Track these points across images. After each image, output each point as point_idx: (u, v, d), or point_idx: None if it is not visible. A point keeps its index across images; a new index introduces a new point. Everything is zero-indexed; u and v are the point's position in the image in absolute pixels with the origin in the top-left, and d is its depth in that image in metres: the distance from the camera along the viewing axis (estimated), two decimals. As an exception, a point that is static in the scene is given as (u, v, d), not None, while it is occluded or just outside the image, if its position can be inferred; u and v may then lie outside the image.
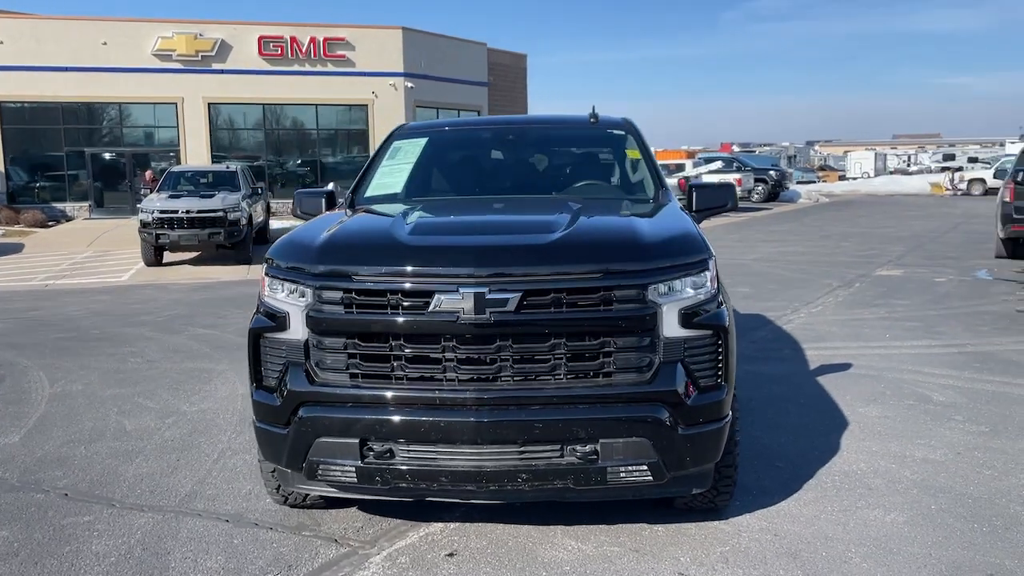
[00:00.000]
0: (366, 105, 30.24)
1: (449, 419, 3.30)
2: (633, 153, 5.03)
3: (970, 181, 41.30)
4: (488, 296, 3.25)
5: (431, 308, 3.30)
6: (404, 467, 3.38)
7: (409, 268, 3.37)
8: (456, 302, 3.27)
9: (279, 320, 3.54)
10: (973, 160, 58.20)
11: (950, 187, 42.45)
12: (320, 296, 3.43)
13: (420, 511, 4.06)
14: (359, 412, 3.39)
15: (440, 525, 3.97)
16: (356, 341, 3.41)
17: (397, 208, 4.38)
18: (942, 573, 3.45)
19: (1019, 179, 14.08)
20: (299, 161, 31.17)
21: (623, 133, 5.18)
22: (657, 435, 3.32)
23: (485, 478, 3.35)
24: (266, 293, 3.66)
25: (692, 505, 3.93)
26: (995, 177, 21.57)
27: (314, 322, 3.44)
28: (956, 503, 4.15)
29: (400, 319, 3.34)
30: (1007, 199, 14.28)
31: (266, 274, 3.67)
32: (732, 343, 3.52)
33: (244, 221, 16.86)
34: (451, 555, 3.68)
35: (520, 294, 3.26)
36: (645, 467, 3.34)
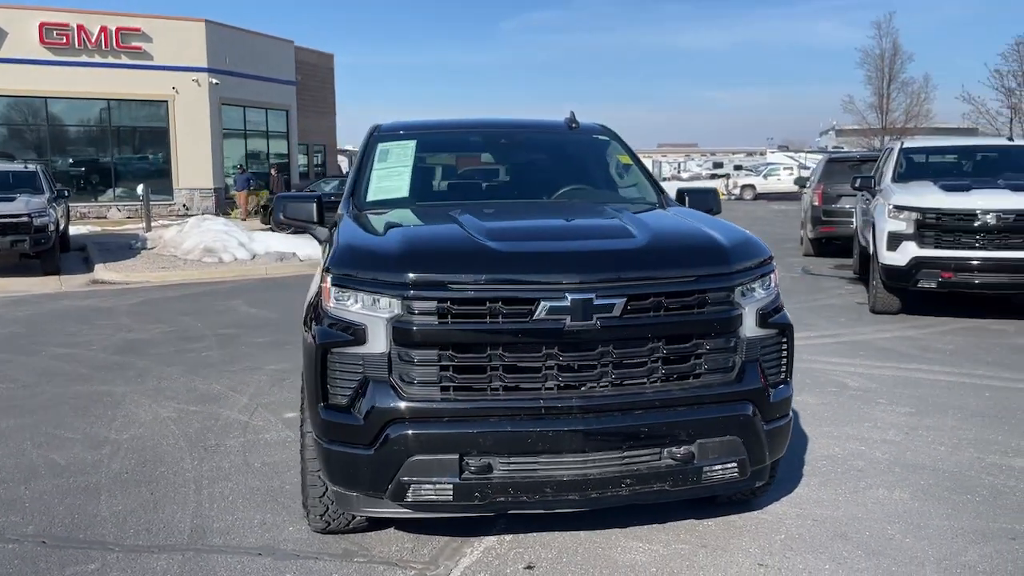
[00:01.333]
0: (166, 101, 28.33)
1: (555, 428, 3.24)
2: (624, 158, 5.13)
3: (743, 187, 45.18)
4: (596, 302, 3.23)
5: (535, 315, 3.22)
6: (504, 481, 3.27)
7: (511, 275, 3.27)
8: (562, 308, 3.21)
9: (355, 332, 3.31)
10: (739, 168, 63.64)
11: (726, 192, 46.21)
12: (410, 307, 3.25)
13: (460, 527, 3.94)
14: (457, 427, 3.25)
15: (494, 539, 3.88)
16: (451, 352, 3.26)
17: (426, 212, 4.23)
18: (974, 541, 3.81)
19: (826, 186, 15.64)
20: (89, 160, 28.65)
21: (607, 139, 5.28)
22: (746, 432, 3.44)
23: (590, 486, 3.32)
24: (333, 305, 3.40)
25: (731, 499, 4.08)
26: (796, 183, 23.75)
27: (402, 334, 3.25)
28: (938, 478, 4.59)
29: (502, 327, 3.23)
30: (816, 203, 15.80)
31: (334, 284, 3.41)
32: (794, 341, 3.70)
33: (52, 227, 15.29)
34: (530, 567, 3.61)
35: (625, 299, 3.26)
36: (735, 464, 3.45)
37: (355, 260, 3.45)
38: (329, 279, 3.43)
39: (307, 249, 16.31)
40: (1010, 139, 11.76)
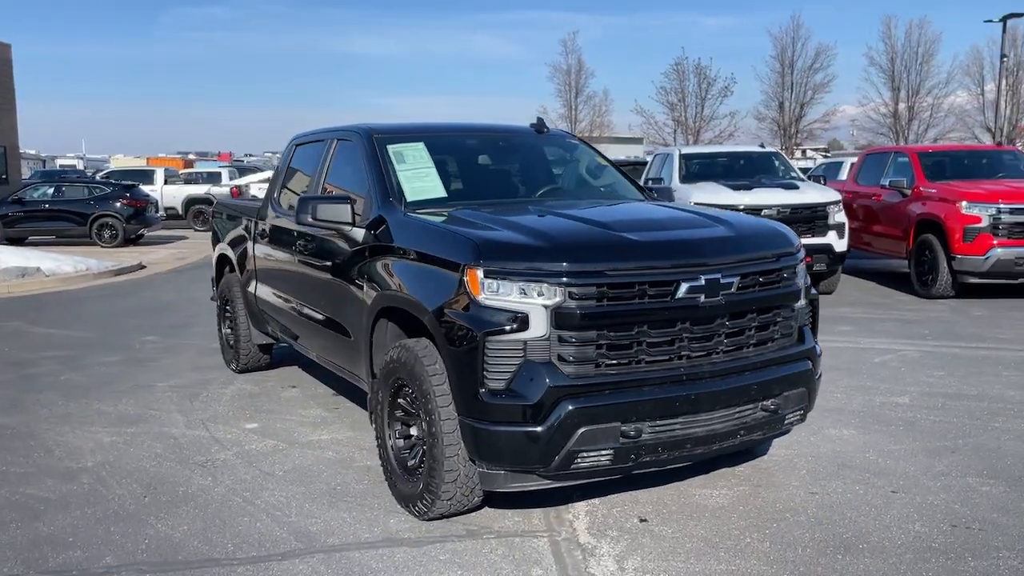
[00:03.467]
0: None
1: (694, 392, 3.77)
2: (601, 160, 5.70)
3: None
4: (722, 280, 3.81)
5: (676, 295, 3.73)
6: (653, 442, 3.73)
7: (655, 261, 3.74)
8: (697, 287, 3.75)
9: (518, 320, 3.58)
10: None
11: None
12: (571, 293, 3.59)
13: (544, 498, 4.28)
14: (616, 397, 3.65)
15: (583, 504, 4.28)
16: (604, 331, 3.65)
17: (502, 210, 4.56)
18: (930, 455, 4.90)
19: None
20: None
21: (577, 142, 5.81)
22: (808, 383, 4.21)
23: (716, 439, 3.89)
24: (485, 296, 3.63)
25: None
26: None
27: (564, 318, 3.58)
28: (860, 418, 5.70)
29: (648, 307, 3.69)
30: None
31: (486, 276, 3.64)
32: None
33: None
34: (644, 520, 4.09)
35: (739, 277, 3.88)
36: (802, 410, 4.20)
37: (510, 253, 3.69)
38: (480, 272, 3.65)
39: (48, 263, 14.85)
40: (762, 146, 13.88)
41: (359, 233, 4.65)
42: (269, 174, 36.21)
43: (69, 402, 6.43)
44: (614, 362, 3.69)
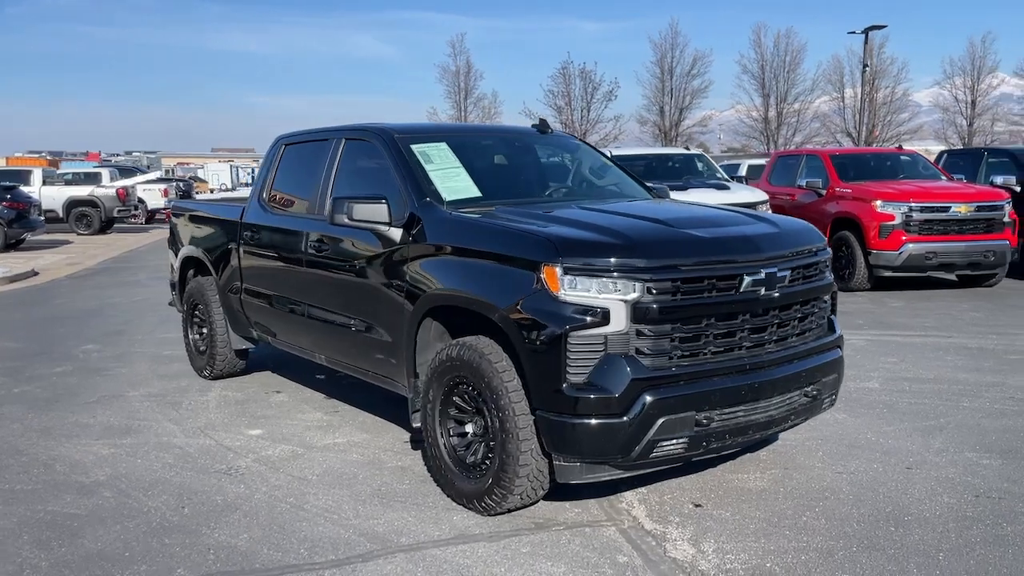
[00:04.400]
0: None
1: (757, 380, 3.98)
2: (604, 159, 5.85)
3: None
4: (778, 274, 4.03)
5: (740, 288, 3.93)
6: (721, 428, 3.92)
7: (723, 256, 3.92)
8: (758, 281, 3.96)
9: (599, 315, 3.69)
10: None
11: None
12: (649, 288, 3.73)
13: (592, 487, 4.41)
14: (691, 388, 3.81)
15: (631, 493, 4.43)
16: (678, 324, 3.81)
17: (553, 208, 4.67)
18: (923, 433, 5.30)
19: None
20: None
21: (578, 142, 5.95)
22: (839, 370, 4.50)
23: (772, 424, 4.12)
24: (565, 293, 3.72)
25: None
26: None
27: (642, 312, 3.72)
28: (844, 402, 6.09)
29: (716, 300, 3.88)
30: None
31: (565, 273, 3.73)
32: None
33: None
34: (698, 505, 4.27)
35: (790, 270, 4.12)
36: (834, 396, 4.49)
37: (586, 251, 3.79)
38: (559, 269, 3.74)
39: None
40: (687, 148, 14.40)
41: (396, 233, 4.64)
42: (156, 175, 34.84)
43: (39, 415, 6.08)
44: (686, 354, 3.85)
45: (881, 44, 52.27)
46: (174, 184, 35.44)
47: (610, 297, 3.71)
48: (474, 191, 4.85)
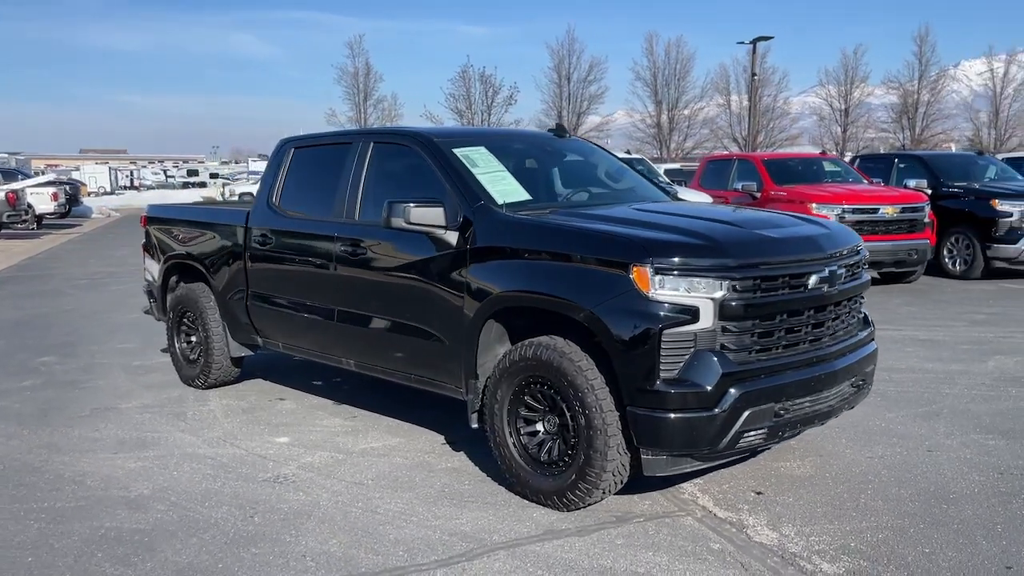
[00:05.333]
0: None
1: (823, 372, 4.23)
2: (619, 162, 6.03)
3: (241, 194, 45.35)
4: (837, 272, 4.30)
5: (809, 285, 4.17)
6: (793, 417, 4.15)
7: (794, 256, 4.16)
8: (823, 279, 4.22)
9: (691, 313, 3.86)
10: (215, 176, 63.09)
11: (223, 199, 46.00)
12: (734, 286, 3.92)
13: (649, 480, 4.57)
14: (771, 380, 4.03)
15: (691, 484, 4.61)
16: (757, 321, 4.02)
17: (587, 211, 4.77)
18: (924, 417, 5.71)
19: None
20: None
21: (594, 145, 6.11)
22: (875, 361, 4.82)
23: (831, 412, 4.39)
24: (656, 292, 3.87)
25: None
26: None
27: (728, 310, 3.91)
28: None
29: (789, 297, 4.11)
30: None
31: (657, 273, 3.87)
32: None
33: None
34: (759, 493, 4.50)
35: (846, 268, 4.39)
36: (870, 385, 4.80)
37: (675, 251, 3.94)
38: (650, 269, 3.88)
39: None
40: (628, 152, 14.75)
41: (452, 236, 4.67)
42: (47, 178, 32.92)
43: (35, 430, 5.79)
44: (763, 349, 4.06)
45: (763, 54, 54.73)
46: (63, 188, 33.70)
47: (699, 296, 3.88)
48: (523, 194, 4.93)
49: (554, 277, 4.23)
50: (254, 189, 42.54)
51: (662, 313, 3.85)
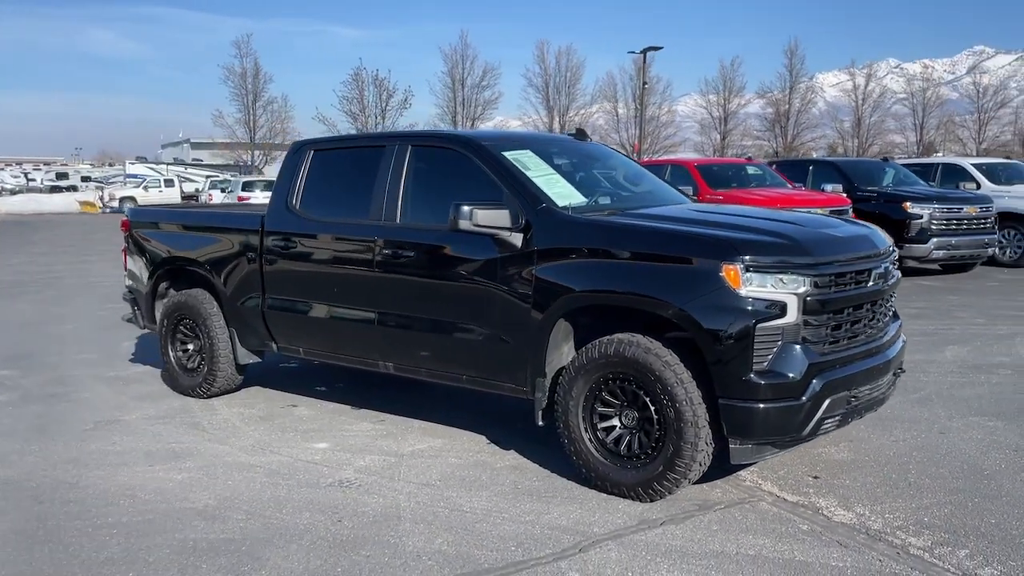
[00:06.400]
0: None
1: (882, 361, 4.56)
2: (637, 165, 6.25)
3: (122, 198, 43.36)
4: (888, 269, 4.64)
5: (870, 281, 4.49)
6: (859, 404, 4.45)
7: (861, 253, 4.47)
8: (879, 275, 4.55)
9: (780, 308, 4.10)
10: (87, 179, 60.11)
11: (101, 204, 43.89)
12: (816, 282, 4.19)
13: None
14: (846, 370, 4.31)
15: (747, 473, 4.85)
16: (831, 314, 4.30)
17: (649, 211, 4.97)
18: (918, 403, 6.17)
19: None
20: None
21: (612, 149, 6.30)
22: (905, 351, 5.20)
23: (885, 399, 4.71)
24: (746, 290, 4.08)
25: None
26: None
27: (810, 304, 4.17)
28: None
29: (855, 292, 4.41)
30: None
31: (747, 271, 4.09)
32: None
33: None
34: (816, 477, 4.78)
35: (892, 265, 4.74)
36: (903, 373, 5.18)
37: (762, 250, 4.17)
38: (740, 267, 4.10)
39: None
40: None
41: (517, 238, 4.76)
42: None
43: (45, 446, 5.51)
44: (834, 341, 4.33)
45: (648, 64, 56.50)
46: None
47: (785, 291, 4.12)
48: (579, 196, 5.07)
49: (637, 276, 4.38)
50: (136, 193, 40.72)
51: (754, 308, 4.06)
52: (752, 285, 4.09)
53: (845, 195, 14.04)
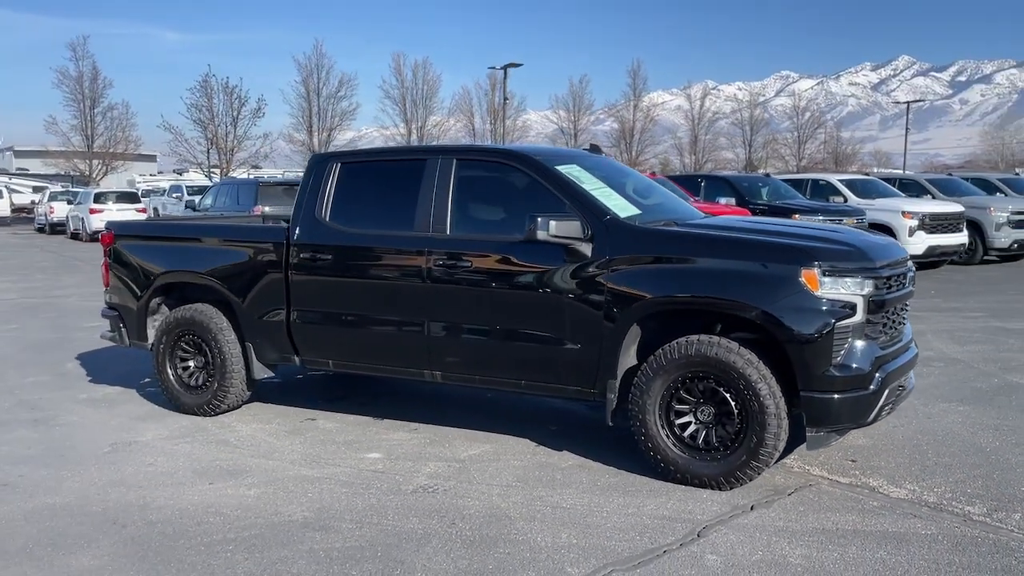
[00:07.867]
0: None
1: (908, 358, 5.13)
2: (646, 177, 6.64)
3: None
4: (911, 274, 5.25)
5: (906, 285, 5.07)
6: (902, 394, 5.02)
7: (899, 258, 5.04)
8: (911, 279, 5.14)
9: (852, 308, 4.59)
10: None
11: None
12: (876, 284, 4.71)
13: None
14: (894, 363, 4.86)
15: (789, 460, 5.33)
16: (883, 314, 4.83)
17: (703, 221, 5.34)
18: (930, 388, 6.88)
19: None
20: None
21: (620, 163, 6.66)
22: (914, 356, 5.84)
23: (912, 390, 5.31)
24: (824, 292, 4.55)
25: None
26: (188, 207, 22.06)
27: (872, 304, 4.68)
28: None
29: (900, 293, 4.97)
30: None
31: (825, 275, 4.55)
32: None
33: None
34: (854, 461, 5.31)
35: (911, 272, 5.36)
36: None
37: (836, 256, 4.65)
38: (818, 272, 4.56)
39: None
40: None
41: (587, 247, 5.03)
42: None
43: (76, 471, 5.25)
44: (883, 337, 4.87)
45: (503, 80, 57.64)
46: None
47: (855, 293, 4.61)
48: (633, 208, 5.40)
49: (717, 282, 4.75)
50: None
51: (831, 309, 4.53)
52: (828, 288, 4.56)
53: (740, 207, 15.06)
